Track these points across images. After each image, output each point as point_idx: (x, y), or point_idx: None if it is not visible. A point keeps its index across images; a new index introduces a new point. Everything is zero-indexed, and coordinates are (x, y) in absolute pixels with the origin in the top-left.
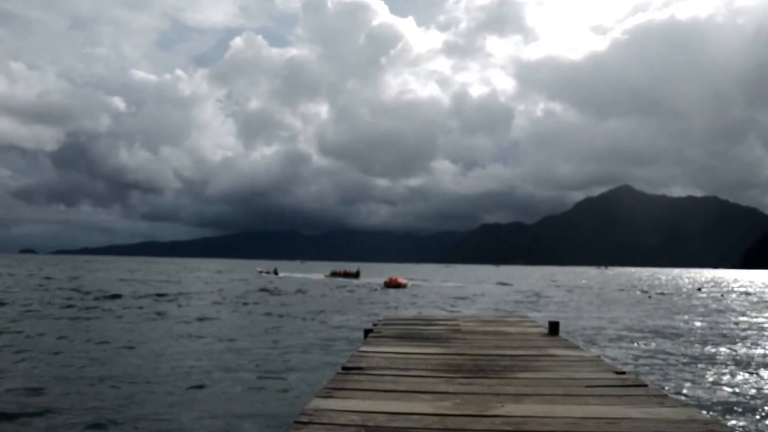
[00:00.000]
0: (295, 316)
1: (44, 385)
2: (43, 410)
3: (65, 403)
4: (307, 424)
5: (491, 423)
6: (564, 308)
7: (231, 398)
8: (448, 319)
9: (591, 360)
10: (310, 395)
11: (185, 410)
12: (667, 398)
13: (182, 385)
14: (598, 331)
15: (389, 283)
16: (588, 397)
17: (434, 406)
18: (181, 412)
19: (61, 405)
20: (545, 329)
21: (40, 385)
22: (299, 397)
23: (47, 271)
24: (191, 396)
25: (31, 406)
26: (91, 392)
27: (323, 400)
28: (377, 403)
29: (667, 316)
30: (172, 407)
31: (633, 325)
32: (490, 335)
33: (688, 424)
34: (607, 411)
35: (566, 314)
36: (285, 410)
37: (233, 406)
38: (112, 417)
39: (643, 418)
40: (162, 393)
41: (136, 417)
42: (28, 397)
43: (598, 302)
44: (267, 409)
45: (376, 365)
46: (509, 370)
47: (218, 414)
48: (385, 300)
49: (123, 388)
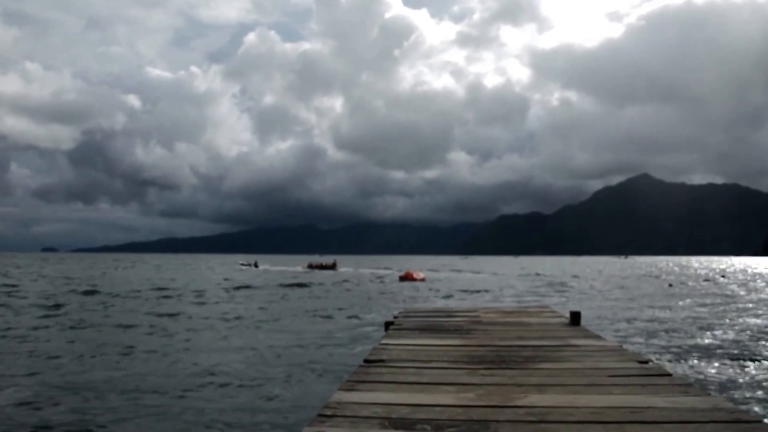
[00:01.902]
0: (310, 309)
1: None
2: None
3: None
4: (331, 417)
5: (515, 413)
6: (586, 298)
7: (253, 392)
8: (468, 311)
9: (613, 349)
10: (332, 388)
11: (207, 403)
12: (692, 387)
13: (199, 381)
14: (621, 321)
15: (405, 277)
16: (611, 386)
17: (457, 398)
18: (204, 405)
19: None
20: (567, 319)
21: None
22: (322, 390)
23: (86, 273)
24: (212, 390)
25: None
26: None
27: (346, 393)
28: (400, 395)
29: (691, 306)
30: (196, 400)
31: (657, 315)
32: (511, 326)
33: (714, 413)
34: (630, 400)
35: (588, 304)
36: (309, 403)
37: (256, 399)
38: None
39: (668, 407)
40: (183, 384)
41: (159, 404)
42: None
43: (621, 292)
44: (289, 402)
45: (397, 357)
46: (531, 361)
47: (240, 407)
48: (403, 293)
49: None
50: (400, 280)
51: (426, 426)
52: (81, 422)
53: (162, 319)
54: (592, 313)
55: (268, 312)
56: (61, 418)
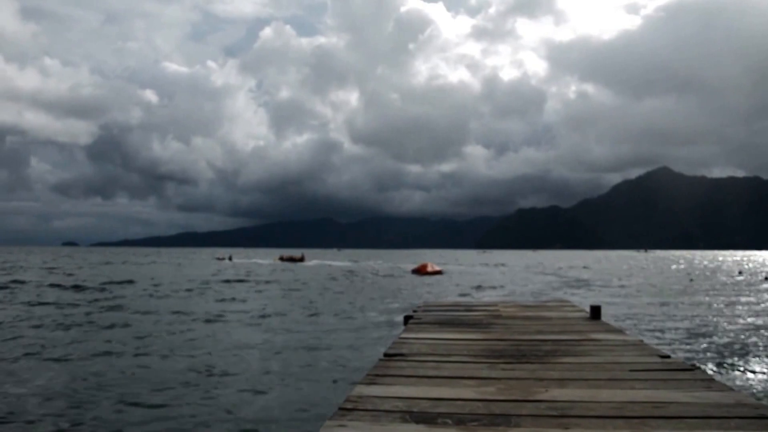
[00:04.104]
0: (326, 304)
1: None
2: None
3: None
4: (352, 410)
5: (536, 408)
6: (606, 293)
7: (275, 385)
8: (488, 305)
9: (634, 344)
10: (352, 382)
11: (229, 396)
12: (715, 382)
13: (222, 371)
14: (642, 316)
15: (419, 270)
16: (633, 381)
17: (478, 392)
18: (225, 398)
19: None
20: (587, 313)
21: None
22: (342, 384)
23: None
24: (233, 384)
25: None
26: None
27: (367, 387)
28: (421, 389)
29: (712, 301)
30: (213, 389)
31: (677, 311)
32: (531, 320)
33: (737, 408)
34: (653, 395)
35: (610, 299)
36: (329, 396)
37: (277, 393)
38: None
39: (691, 402)
40: (206, 374)
41: (182, 395)
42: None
43: (642, 287)
44: (311, 395)
45: (417, 351)
46: (552, 355)
47: (263, 404)
48: (418, 288)
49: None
50: (413, 273)
51: (447, 420)
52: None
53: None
54: (613, 309)
55: (284, 306)
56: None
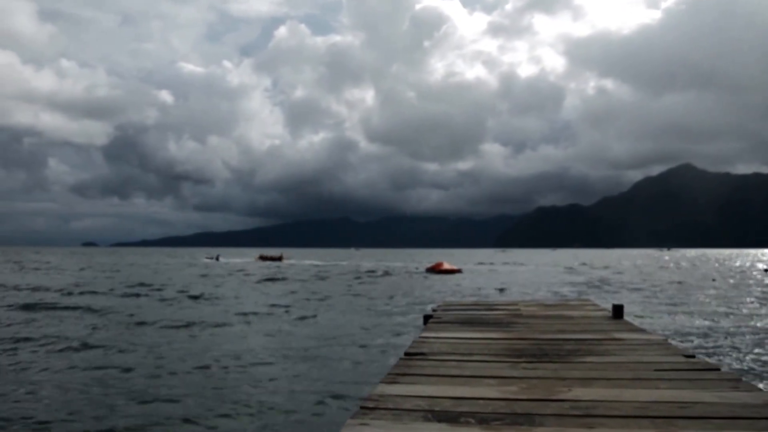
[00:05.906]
0: (339, 304)
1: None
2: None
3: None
4: (374, 409)
5: (560, 407)
6: (629, 292)
7: (295, 384)
8: (509, 304)
9: (658, 343)
10: (374, 380)
11: (248, 393)
12: (741, 382)
13: (239, 371)
14: (666, 314)
15: (434, 268)
16: (657, 380)
17: (500, 391)
18: (244, 395)
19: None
20: (609, 312)
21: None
22: (362, 383)
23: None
24: (253, 382)
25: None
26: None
27: (388, 386)
28: (442, 388)
29: (737, 300)
30: (233, 387)
31: (702, 310)
32: (552, 319)
33: (765, 409)
34: (678, 395)
35: (633, 298)
36: (350, 394)
37: (298, 392)
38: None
39: (717, 402)
40: (222, 372)
41: (200, 388)
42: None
43: (666, 285)
44: (329, 394)
45: (438, 350)
46: (574, 354)
47: (285, 403)
48: (436, 287)
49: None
50: (427, 272)
51: (470, 419)
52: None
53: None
54: (636, 307)
55: (303, 304)
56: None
